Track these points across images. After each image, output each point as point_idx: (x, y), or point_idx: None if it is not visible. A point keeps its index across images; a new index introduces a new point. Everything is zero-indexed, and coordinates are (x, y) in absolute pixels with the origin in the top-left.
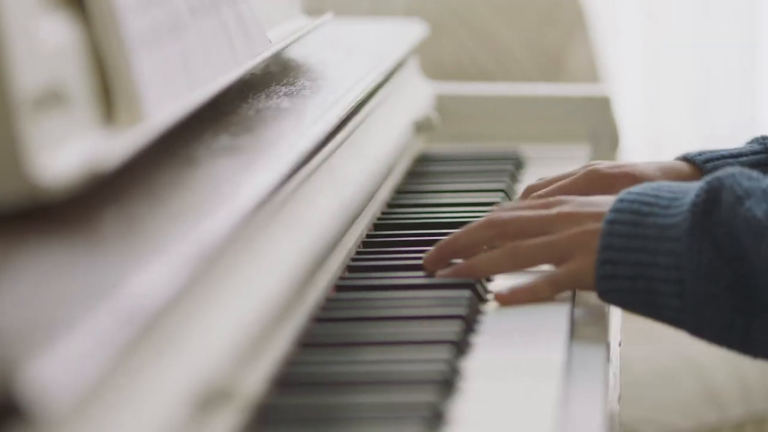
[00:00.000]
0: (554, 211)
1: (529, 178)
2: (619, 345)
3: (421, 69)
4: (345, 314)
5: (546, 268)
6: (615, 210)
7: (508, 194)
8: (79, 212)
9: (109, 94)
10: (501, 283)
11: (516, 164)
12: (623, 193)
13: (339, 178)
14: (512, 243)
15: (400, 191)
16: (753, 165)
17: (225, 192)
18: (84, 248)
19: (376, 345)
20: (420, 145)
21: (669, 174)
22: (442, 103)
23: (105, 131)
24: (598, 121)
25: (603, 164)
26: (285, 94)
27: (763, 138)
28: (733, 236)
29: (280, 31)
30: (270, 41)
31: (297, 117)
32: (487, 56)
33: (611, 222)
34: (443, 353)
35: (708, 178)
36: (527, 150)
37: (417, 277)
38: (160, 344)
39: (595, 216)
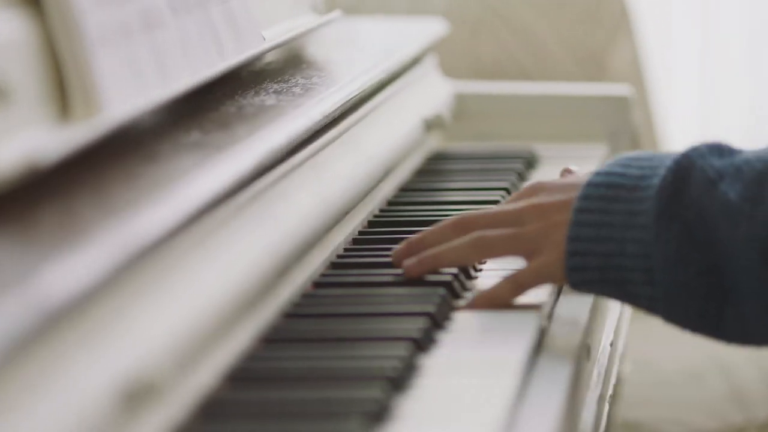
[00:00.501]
0: (521, 203)
1: (540, 177)
2: (611, 345)
3: (460, 68)
4: (317, 311)
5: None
6: (583, 197)
7: (510, 193)
8: (15, 206)
9: (65, 89)
10: (485, 281)
11: (527, 163)
12: (592, 176)
13: (326, 175)
14: (478, 232)
15: (405, 189)
16: None
17: (174, 187)
18: (8, 241)
19: (338, 341)
20: (436, 143)
21: None
22: (462, 102)
23: (57, 126)
24: (616, 121)
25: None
26: (276, 91)
27: None
28: (704, 220)
29: (283, 29)
30: (264, 39)
31: (278, 114)
32: (528, 56)
33: (579, 211)
34: (401, 350)
35: (674, 155)
36: (543, 149)
37: (397, 275)
38: (79, 337)
39: (562, 204)
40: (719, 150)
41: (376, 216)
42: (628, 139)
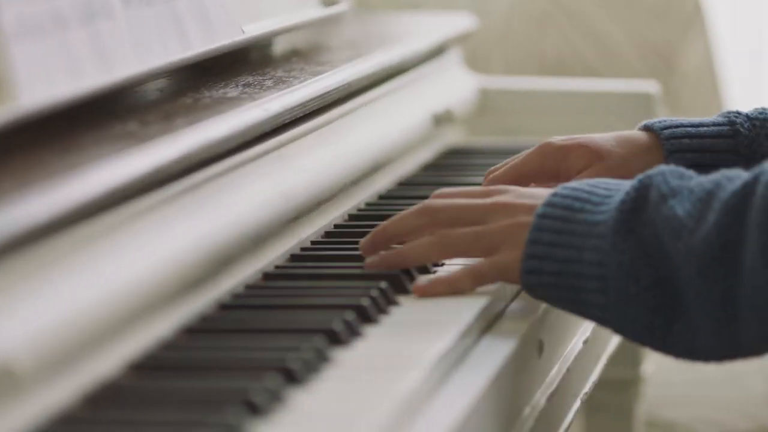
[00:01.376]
0: (489, 200)
1: None
2: (585, 342)
3: (524, 63)
4: (254, 302)
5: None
6: (547, 204)
7: None
8: None
9: None
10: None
11: None
12: (559, 187)
13: (291, 167)
14: (441, 231)
15: (405, 183)
16: (713, 136)
17: (76, 176)
18: None
19: (257, 332)
20: (456, 138)
21: (624, 144)
22: (488, 97)
23: None
24: (641, 117)
25: (557, 138)
26: (248, 84)
27: (732, 113)
28: (656, 234)
29: (279, 20)
30: (242, 31)
31: (232, 106)
32: (593, 52)
33: (542, 216)
34: (313, 342)
35: (640, 176)
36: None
37: (351, 268)
38: None
39: (529, 208)
40: (680, 173)
41: (360, 210)
42: None
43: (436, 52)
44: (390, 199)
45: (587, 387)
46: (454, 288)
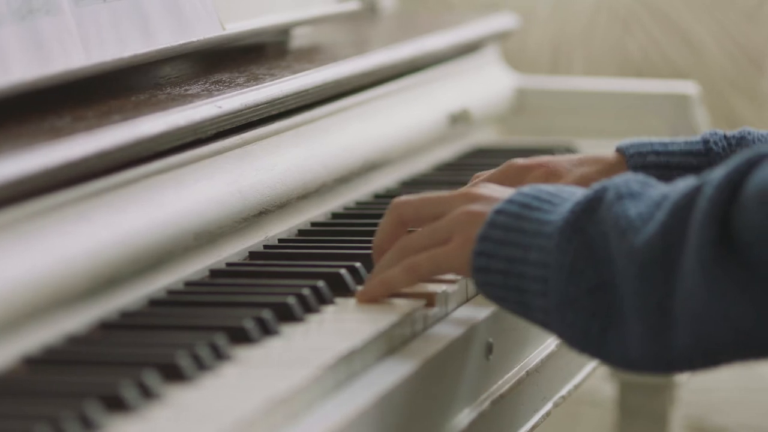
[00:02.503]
0: (456, 191)
1: None
2: (559, 345)
3: (607, 62)
4: (183, 299)
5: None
6: (507, 200)
7: None
8: None
9: None
10: None
11: None
12: (527, 186)
13: (254, 165)
14: (403, 245)
15: (409, 183)
16: (682, 154)
17: None
18: None
19: (167, 328)
20: (486, 137)
21: (587, 163)
22: (524, 97)
23: None
24: (678, 119)
25: (519, 159)
26: (218, 81)
27: (710, 132)
28: (605, 234)
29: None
30: (222, 28)
31: (182, 103)
32: (680, 53)
33: (497, 212)
34: (209, 339)
35: (603, 180)
36: (589, 145)
37: (303, 266)
38: None
39: (491, 200)
40: (645, 181)
41: (348, 209)
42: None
43: (464, 50)
44: (386, 198)
45: (564, 391)
46: (389, 288)
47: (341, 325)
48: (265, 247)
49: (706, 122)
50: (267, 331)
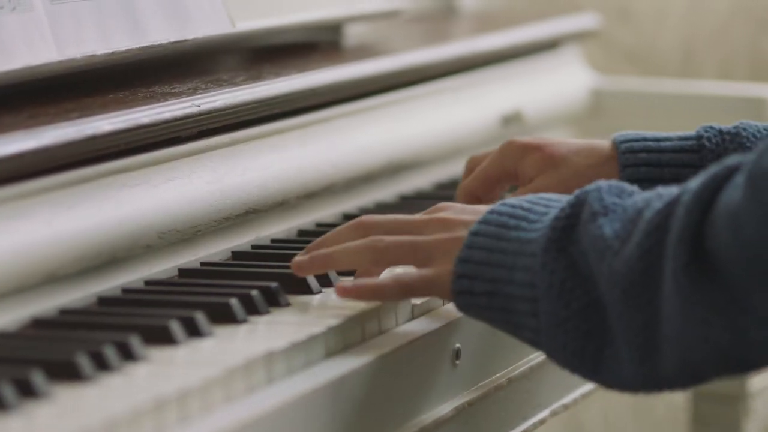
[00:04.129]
0: (427, 216)
1: None
2: None
3: (740, 65)
4: (133, 297)
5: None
6: (482, 221)
7: None
8: None
9: None
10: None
11: None
12: (497, 204)
13: (242, 165)
14: (375, 236)
15: (446, 185)
16: (675, 150)
17: None
18: None
19: (94, 327)
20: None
21: (583, 153)
22: (603, 98)
23: None
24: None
25: (519, 137)
26: (216, 80)
27: (705, 126)
28: (584, 255)
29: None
30: (233, 24)
31: (164, 100)
32: None
33: (475, 233)
34: (121, 338)
35: (577, 191)
36: None
37: (277, 267)
38: None
39: (467, 224)
40: (620, 189)
41: (364, 210)
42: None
43: (532, 49)
44: (412, 200)
45: (567, 399)
46: (379, 296)
47: (280, 328)
48: (253, 247)
49: None
50: (196, 332)
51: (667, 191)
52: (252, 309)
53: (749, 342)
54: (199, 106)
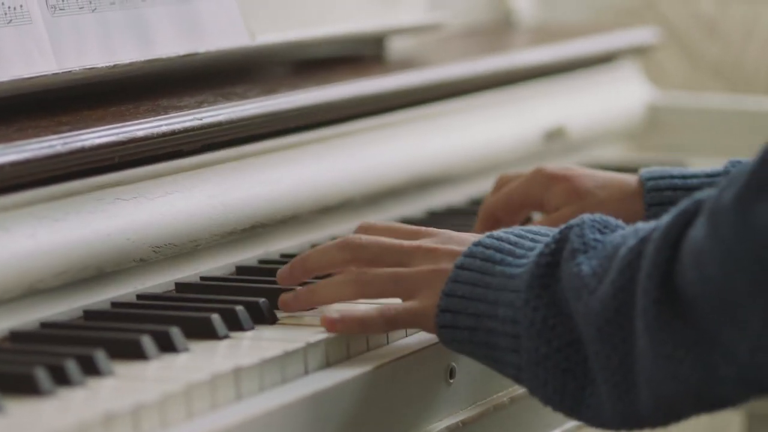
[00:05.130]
0: (415, 243)
1: None
2: None
3: None
4: (120, 311)
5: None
6: (468, 254)
7: None
8: None
9: None
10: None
11: None
12: (484, 237)
13: (250, 180)
14: (359, 269)
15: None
16: (701, 188)
17: None
18: None
19: (60, 342)
20: (609, 154)
21: (609, 188)
22: (660, 114)
23: None
24: None
25: (551, 165)
26: (226, 93)
27: (734, 161)
28: (564, 293)
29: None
30: (249, 37)
31: (164, 113)
32: None
33: (460, 267)
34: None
35: (562, 226)
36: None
37: (273, 283)
38: None
39: (452, 255)
40: (604, 224)
41: None
42: None
43: (584, 63)
44: (440, 215)
45: None
46: (365, 328)
47: (264, 344)
48: (260, 261)
49: None
50: (171, 347)
51: (644, 227)
52: (236, 325)
53: (719, 379)
54: (201, 119)
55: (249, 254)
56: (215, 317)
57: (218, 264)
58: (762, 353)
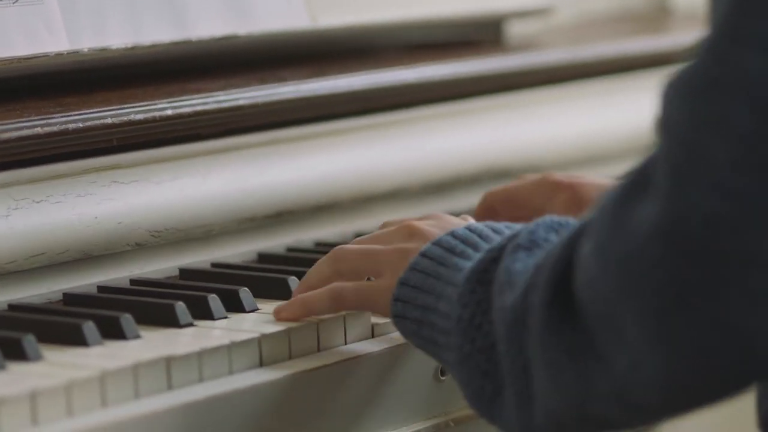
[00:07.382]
0: (391, 247)
1: None
2: None
3: None
4: (101, 295)
5: None
6: (436, 242)
7: None
8: None
9: None
10: None
11: None
12: (462, 226)
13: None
14: (335, 284)
15: None
16: None
17: None
18: None
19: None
20: None
21: None
22: None
23: None
24: None
25: (559, 174)
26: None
27: None
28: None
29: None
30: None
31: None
32: None
33: (422, 254)
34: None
35: (523, 226)
36: None
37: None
38: None
39: (427, 238)
40: (561, 224)
41: None
42: None
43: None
44: None
45: None
46: (309, 309)
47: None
48: (288, 249)
49: None
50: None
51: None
52: (205, 313)
53: (596, 394)
54: (220, 104)
55: (275, 242)
56: (180, 305)
57: (239, 251)
58: (637, 371)
